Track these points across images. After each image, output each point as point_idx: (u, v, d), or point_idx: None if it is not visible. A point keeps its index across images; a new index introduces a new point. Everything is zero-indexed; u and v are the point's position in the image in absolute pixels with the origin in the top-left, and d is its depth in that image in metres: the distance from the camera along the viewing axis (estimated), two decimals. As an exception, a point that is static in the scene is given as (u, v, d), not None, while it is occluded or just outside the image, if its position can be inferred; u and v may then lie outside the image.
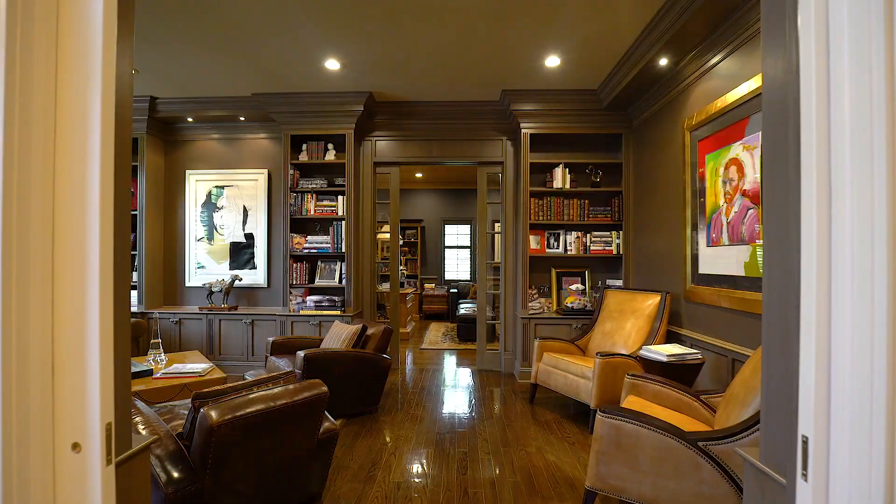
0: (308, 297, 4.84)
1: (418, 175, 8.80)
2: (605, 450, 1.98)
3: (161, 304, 5.28)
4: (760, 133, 2.60)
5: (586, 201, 4.75)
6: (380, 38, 3.53)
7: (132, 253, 5.08)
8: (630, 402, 2.48)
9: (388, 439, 3.17)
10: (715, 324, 3.10)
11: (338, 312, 4.73)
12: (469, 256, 9.58)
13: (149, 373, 3.16)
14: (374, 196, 5.18)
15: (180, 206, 5.35)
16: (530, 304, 4.69)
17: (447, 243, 9.76)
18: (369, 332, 3.92)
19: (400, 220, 9.49)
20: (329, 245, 4.91)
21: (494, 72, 4.09)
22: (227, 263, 5.29)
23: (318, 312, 4.75)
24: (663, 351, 2.82)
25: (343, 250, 4.87)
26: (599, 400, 3.16)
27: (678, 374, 2.76)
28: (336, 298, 4.80)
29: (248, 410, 1.83)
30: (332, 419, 2.33)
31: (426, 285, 9.31)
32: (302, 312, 4.78)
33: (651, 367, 2.86)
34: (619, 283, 4.69)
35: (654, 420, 1.89)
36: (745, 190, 2.75)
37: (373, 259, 5.18)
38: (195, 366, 3.29)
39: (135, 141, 5.08)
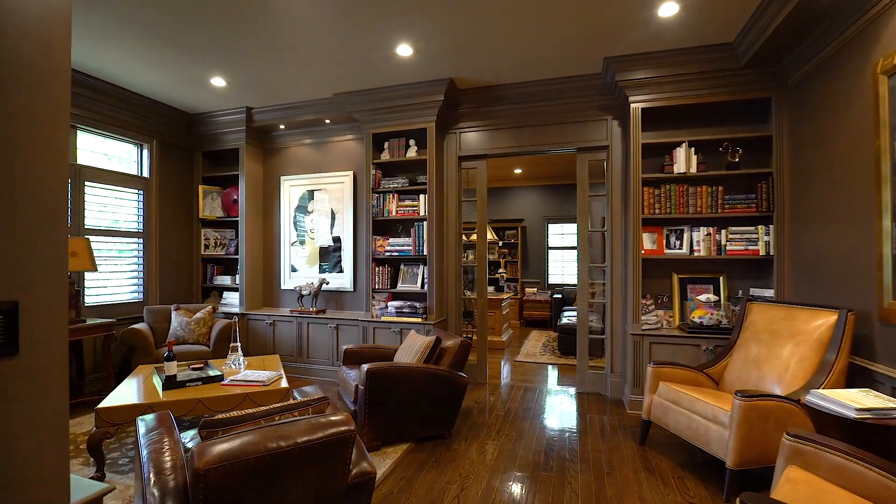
0: (389, 303, 4.57)
1: (517, 171, 8.18)
2: (749, 568, 1.24)
3: (260, 305, 5.48)
4: None
5: (720, 188, 3.73)
6: (452, 12, 3.07)
7: (234, 257, 5.35)
8: (793, 478, 1.64)
9: (456, 476, 2.68)
10: (939, 361, 2.03)
11: (419, 320, 4.37)
12: (576, 258, 8.65)
13: (219, 378, 3.10)
14: (459, 193, 4.74)
15: (276, 212, 5.51)
16: (644, 318, 3.82)
17: (551, 244, 8.95)
18: (444, 344, 3.48)
19: (498, 220, 8.99)
20: (410, 247, 4.59)
21: (594, 36, 3.37)
22: (317, 267, 5.30)
23: (399, 319, 4.45)
24: (849, 400, 1.88)
25: (425, 253, 4.51)
26: (741, 457, 2.29)
27: (875, 438, 1.81)
28: (417, 305, 4.46)
29: (247, 452, 1.48)
30: (369, 459, 1.91)
31: (527, 289, 8.62)
32: (383, 318, 4.52)
33: (826, 422, 1.94)
34: (770, 293, 3.58)
35: (845, 538, 1.11)
36: None
37: (458, 262, 4.75)
38: (262, 374, 3.16)
39: (236, 151, 5.35)
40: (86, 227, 4.40)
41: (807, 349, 2.60)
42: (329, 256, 5.25)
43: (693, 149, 3.76)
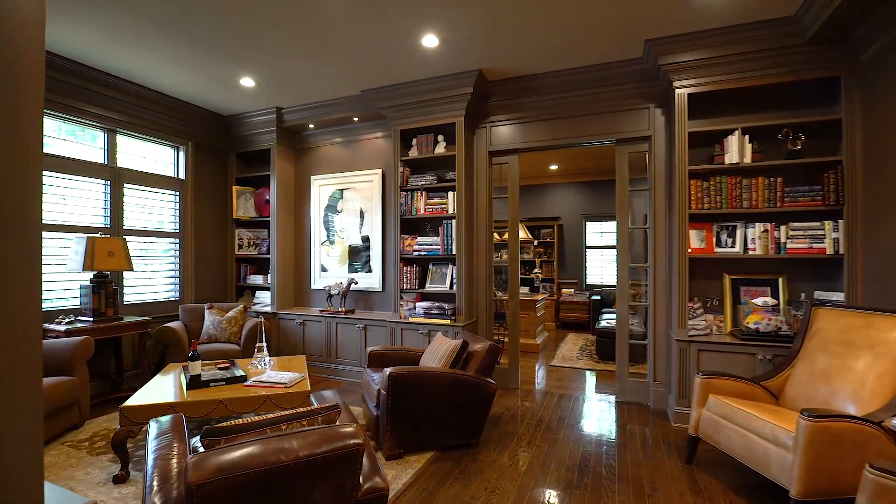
0: (417, 304, 4.44)
1: (553, 167, 7.88)
2: None
3: (291, 305, 5.49)
4: None
5: (778, 179, 3.36)
6: (475, -7, 2.90)
7: (266, 257, 5.37)
8: (878, 521, 1.36)
9: (481, 490, 2.50)
10: None
11: (447, 322, 4.22)
12: (616, 258, 8.24)
13: (243, 379, 3.06)
14: (489, 190, 4.55)
15: (307, 211, 5.51)
16: (691, 323, 3.50)
17: (589, 243, 8.58)
18: (472, 348, 3.30)
19: (533, 218, 8.70)
20: (439, 247, 4.44)
21: (633, 16, 3.10)
22: (346, 266, 5.25)
23: (427, 321, 4.31)
24: (948, 427, 1.57)
25: (454, 252, 4.35)
26: (808, 487, 1.98)
27: None
28: (446, 306, 4.30)
29: (244, 466, 1.37)
30: (381, 474, 1.77)
31: (563, 290, 8.29)
32: (411, 320, 4.40)
33: (918, 451, 1.63)
34: (839, 297, 3.18)
35: None
36: None
37: (489, 262, 4.55)
38: (285, 375, 3.10)
39: (267, 151, 5.39)
40: (125, 227, 4.52)
41: (889, 363, 2.25)
42: (358, 256, 5.19)
43: (747, 136, 3.41)
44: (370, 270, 5.10)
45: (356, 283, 5.00)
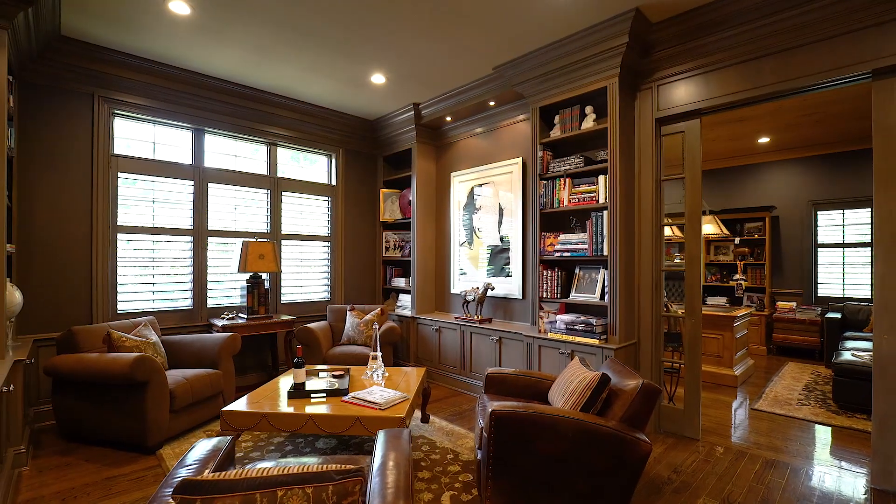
0: (558, 317, 3.64)
1: (762, 140, 5.95)
2: None
3: (432, 309, 5.25)
4: None
5: None
6: None
7: (407, 259, 5.24)
8: None
9: None
10: None
11: (595, 341, 3.32)
12: (871, 261, 5.78)
13: (343, 393, 2.80)
14: (657, 171, 3.46)
15: (447, 211, 5.19)
16: None
17: (821, 239, 6.24)
18: (617, 385, 2.40)
19: (732, 209, 6.78)
20: (586, 245, 3.56)
21: None
22: (485, 270, 4.74)
23: (569, 338, 3.48)
24: None
25: (605, 252, 3.42)
26: None
27: None
28: (594, 321, 3.40)
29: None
30: None
31: (780, 304, 6.19)
32: (550, 335, 3.62)
33: None
34: None
35: None
36: None
37: (657, 265, 3.46)
38: (385, 393, 2.73)
39: (408, 151, 5.26)
40: (282, 232, 4.89)
41: None
42: (497, 258, 4.62)
43: None
44: (509, 275, 4.48)
45: (493, 289, 4.44)
